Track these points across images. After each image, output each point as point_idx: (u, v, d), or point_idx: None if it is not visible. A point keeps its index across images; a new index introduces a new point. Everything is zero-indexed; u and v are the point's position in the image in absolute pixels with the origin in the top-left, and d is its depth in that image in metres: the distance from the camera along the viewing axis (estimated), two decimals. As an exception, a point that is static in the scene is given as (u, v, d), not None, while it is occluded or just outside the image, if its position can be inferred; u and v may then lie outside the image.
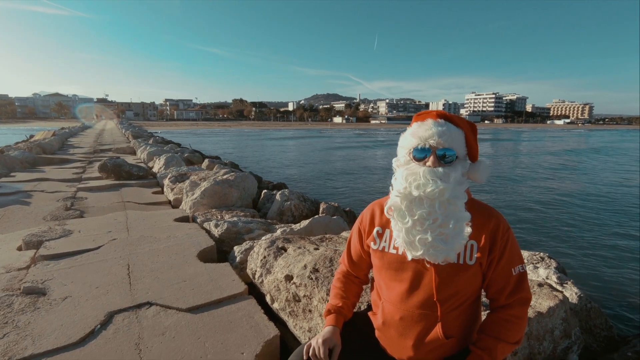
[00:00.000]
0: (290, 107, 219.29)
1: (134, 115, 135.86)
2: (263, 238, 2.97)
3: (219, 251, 3.42)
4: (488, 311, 1.22)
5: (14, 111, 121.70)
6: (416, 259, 1.12)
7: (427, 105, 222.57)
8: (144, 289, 2.44)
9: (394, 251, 1.19)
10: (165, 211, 4.63)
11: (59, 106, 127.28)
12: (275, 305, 2.20)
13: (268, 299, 2.28)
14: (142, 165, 8.54)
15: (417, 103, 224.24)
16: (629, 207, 9.55)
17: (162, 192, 6.06)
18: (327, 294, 1.86)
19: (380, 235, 1.25)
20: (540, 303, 1.69)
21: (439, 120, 1.14)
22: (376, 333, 1.27)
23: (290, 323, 2.09)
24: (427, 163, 1.10)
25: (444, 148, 1.10)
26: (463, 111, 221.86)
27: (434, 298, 1.12)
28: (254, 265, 2.52)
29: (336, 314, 1.31)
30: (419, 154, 1.12)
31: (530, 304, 1.18)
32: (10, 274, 2.68)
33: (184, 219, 4.22)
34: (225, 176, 5.17)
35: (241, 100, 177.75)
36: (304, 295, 1.98)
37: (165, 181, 6.02)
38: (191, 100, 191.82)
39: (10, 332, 1.96)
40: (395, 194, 1.12)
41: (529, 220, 8.20)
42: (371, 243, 1.26)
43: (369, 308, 1.36)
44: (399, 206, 1.10)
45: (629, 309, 4.29)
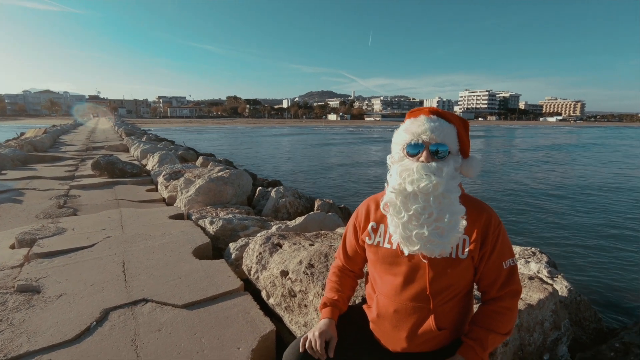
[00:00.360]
0: (285, 105, 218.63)
1: (127, 112, 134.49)
2: (258, 235, 2.97)
3: (215, 248, 3.43)
4: (480, 303, 1.25)
5: (4, 108, 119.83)
6: (410, 253, 1.14)
7: (422, 103, 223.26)
8: (140, 286, 2.44)
9: (388, 245, 1.22)
10: (160, 209, 4.61)
11: (50, 103, 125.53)
12: (271, 301, 2.21)
13: (264, 294, 2.29)
14: (136, 162, 8.47)
15: (412, 100, 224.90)
16: (618, 202, 9.71)
17: (156, 190, 6.03)
18: (323, 289, 1.88)
19: (375, 230, 1.27)
20: (530, 296, 1.73)
21: (432, 117, 1.16)
22: (371, 325, 1.29)
23: (286, 318, 2.11)
24: (421, 158, 1.12)
25: (437, 143, 1.12)
26: (457, 108, 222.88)
27: (427, 291, 1.15)
28: (249, 261, 2.53)
29: (332, 307, 1.33)
30: (412, 150, 1.14)
31: (520, 296, 1.21)
32: (4, 272, 2.67)
33: (179, 217, 4.21)
34: (219, 173, 5.16)
35: (235, 98, 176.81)
36: (300, 291, 2.00)
37: (160, 179, 5.99)
38: (185, 97, 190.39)
39: (5, 330, 1.95)
40: (390, 190, 1.14)
41: (522, 215, 8.30)
42: (366, 238, 1.28)
43: (364, 301, 1.39)
44: (394, 202, 1.12)
45: (618, 301, 4.38)
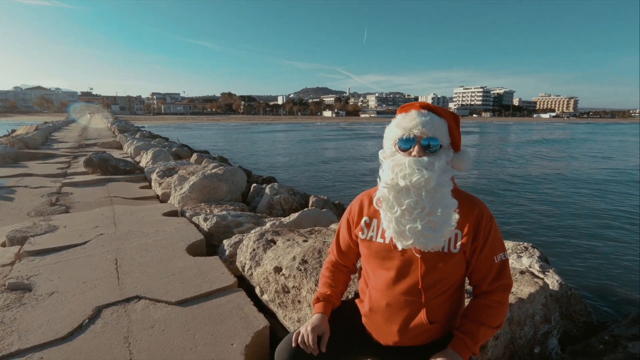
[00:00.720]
0: (280, 101, 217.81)
1: (120, 109, 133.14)
2: (252, 231, 2.97)
3: (209, 245, 3.41)
4: (471, 297, 1.26)
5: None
6: (404, 248, 1.15)
7: (417, 99, 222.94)
8: (133, 283, 2.43)
9: (381, 240, 1.22)
10: (154, 206, 4.58)
11: (41, 100, 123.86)
12: (265, 297, 2.22)
13: (257, 290, 2.29)
14: (129, 159, 8.41)
15: (407, 97, 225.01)
16: (611, 196, 9.83)
17: (150, 187, 5.99)
18: (316, 285, 1.88)
19: (368, 225, 1.27)
20: (521, 290, 1.75)
21: (423, 111, 1.16)
22: (363, 319, 1.30)
23: (279, 314, 2.11)
24: (413, 153, 1.12)
25: (428, 137, 1.12)
26: (452, 105, 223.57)
27: (419, 285, 1.16)
28: (243, 258, 2.52)
29: (324, 301, 1.33)
30: (404, 145, 1.14)
31: (511, 290, 1.22)
32: (-5, 271, 2.64)
33: (173, 214, 4.19)
34: (214, 170, 5.14)
35: (230, 94, 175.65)
36: (293, 287, 2.00)
37: (153, 176, 5.95)
38: (179, 94, 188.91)
39: (-4, 328, 1.93)
40: (382, 186, 1.14)
41: (515, 210, 8.38)
42: (359, 233, 1.29)
43: (357, 296, 1.39)
44: (387, 197, 1.12)
45: (609, 295, 4.44)
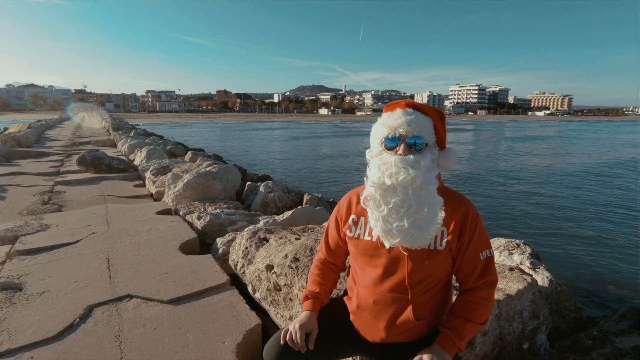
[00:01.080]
0: (276, 99, 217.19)
1: (115, 107, 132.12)
2: (246, 229, 2.97)
3: (202, 243, 3.41)
4: (458, 294, 1.27)
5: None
6: (391, 246, 1.16)
7: (413, 97, 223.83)
8: (125, 282, 2.42)
9: (368, 238, 1.23)
10: (147, 204, 4.57)
11: (34, 97, 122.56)
12: (257, 295, 2.22)
13: (250, 289, 2.30)
14: (123, 158, 8.35)
15: (403, 94, 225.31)
16: (604, 193, 9.93)
17: (144, 185, 5.97)
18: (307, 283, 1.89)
19: (355, 223, 1.28)
20: (510, 286, 1.77)
21: (408, 110, 1.16)
22: (351, 317, 1.31)
23: (271, 312, 2.12)
24: (398, 152, 1.13)
25: (414, 136, 1.13)
26: (447, 102, 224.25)
27: (405, 282, 1.17)
28: (235, 256, 2.53)
29: (313, 299, 1.34)
30: (390, 143, 1.14)
31: (496, 286, 1.23)
32: (-15, 270, 2.62)
33: (166, 212, 4.17)
34: (208, 168, 5.12)
35: (225, 92, 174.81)
36: (285, 284, 2.01)
37: (147, 174, 5.92)
38: (174, 91, 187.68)
39: (-15, 328, 1.92)
40: (369, 184, 1.15)
41: (509, 207, 8.44)
42: (347, 231, 1.30)
43: (345, 294, 1.40)
44: (373, 196, 1.13)
45: (600, 291, 4.50)
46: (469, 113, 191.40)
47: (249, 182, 5.79)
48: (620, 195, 9.90)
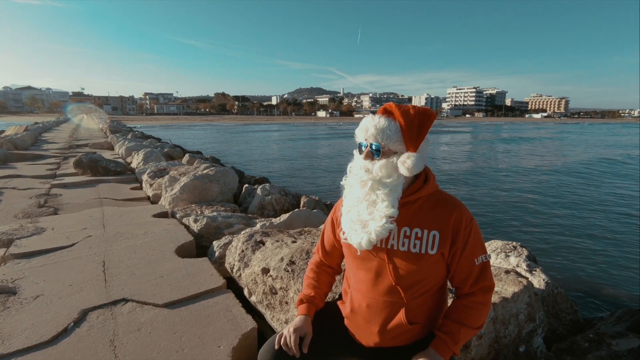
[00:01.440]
0: (274, 101, 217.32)
1: (112, 109, 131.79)
2: (242, 232, 2.96)
3: (199, 246, 3.40)
4: (453, 297, 1.27)
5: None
6: (379, 249, 1.18)
7: (410, 99, 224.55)
8: (120, 286, 2.41)
9: None
10: (144, 207, 4.55)
11: (31, 100, 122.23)
12: (253, 298, 2.21)
13: (246, 292, 2.29)
14: (120, 160, 8.33)
15: (400, 97, 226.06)
16: (601, 196, 9.96)
17: (141, 188, 5.94)
18: (303, 286, 1.88)
19: None
20: (505, 289, 1.76)
21: (377, 115, 1.20)
22: (345, 321, 1.30)
23: (267, 315, 2.11)
24: (362, 155, 1.20)
25: (375, 142, 1.17)
26: (445, 105, 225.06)
27: (393, 284, 1.17)
28: (232, 259, 2.52)
29: (308, 303, 1.34)
30: (360, 147, 1.22)
31: (493, 291, 1.23)
32: (-21, 274, 2.60)
33: (163, 215, 4.16)
34: (205, 171, 5.11)
35: (223, 94, 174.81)
36: (281, 288, 2.00)
37: (144, 177, 5.91)
38: (172, 94, 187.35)
39: (-22, 333, 1.90)
40: (342, 182, 1.26)
41: (507, 209, 8.45)
42: (341, 233, 1.30)
43: (340, 297, 1.40)
44: (346, 194, 1.26)
45: (597, 293, 4.50)
46: (467, 115, 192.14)
47: (247, 185, 5.78)
48: (619, 197, 9.94)
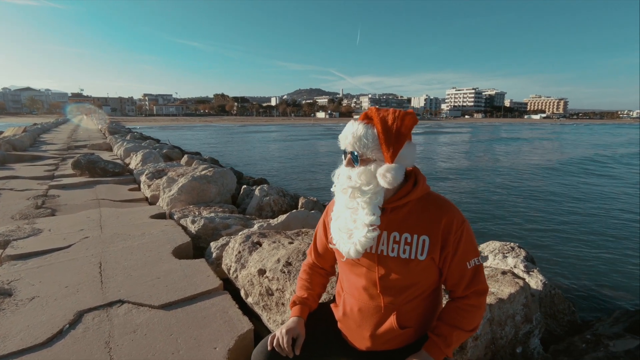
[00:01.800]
0: (273, 102, 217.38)
1: (111, 110, 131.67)
2: (240, 233, 2.96)
3: (196, 247, 3.39)
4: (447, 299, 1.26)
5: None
6: (369, 255, 1.17)
7: (410, 100, 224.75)
8: (116, 287, 2.40)
9: None
10: (141, 208, 4.54)
11: (30, 101, 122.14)
12: (250, 300, 2.20)
13: (242, 293, 2.28)
14: (119, 161, 8.32)
15: (400, 98, 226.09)
16: (601, 198, 9.97)
17: (139, 189, 5.93)
18: (300, 287, 1.88)
19: None
20: (502, 290, 1.76)
21: (358, 122, 1.17)
22: (338, 324, 1.30)
23: (264, 317, 2.10)
24: (344, 162, 1.19)
25: (353, 150, 1.15)
26: (444, 106, 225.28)
27: (384, 290, 1.17)
28: (229, 260, 2.51)
29: (301, 305, 1.33)
30: (343, 154, 1.20)
31: (487, 294, 1.21)
32: (-26, 275, 2.59)
33: (160, 216, 4.15)
34: (203, 172, 5.10)
35: (223, 95, 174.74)
36: (277, 289, 2.00)
37: (142, 178, 5.90)
38: (171, 95, 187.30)
39: (-27, 335, 1.89)
40: (332, 189, 1.24)
41: (505, 210, 8.46)
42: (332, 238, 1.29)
43: (334, 299, 1.39)
44: (335, 200, 1.25)
45: (596, 294, 4.50)
46: (466, 117, 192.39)
47: (245, 186, 5.77)
48: (617, 197, 9.95)
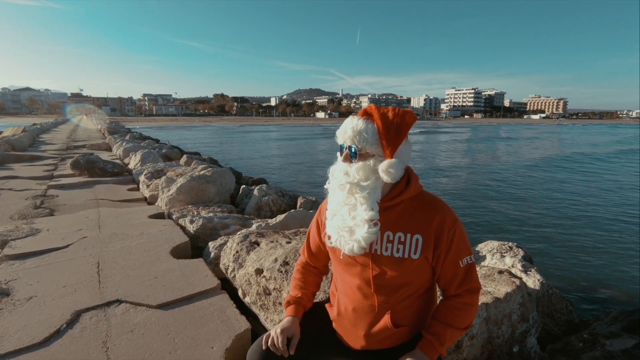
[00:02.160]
0: (273, 102, 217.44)
1: (111, 110, 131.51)
2: (238, 233, 2.96)
3: (195, 247, 3.39)
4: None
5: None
6: (363, 254, 1.17)
7: (409, 100, 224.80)
8: (114, 287, 2.40)
9: None
10: (140, 208, 4.54)
11: (30, 101, 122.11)
12: (247, 299, 2.21)
13: (240, 293, 2.28)
14: (118, 161, 8.31)
15: (399, 98, 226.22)
16: (600, 198, 9.98)
17: (138, 189, 5.93)
18: (297, 287, 1.88)
19: None
20: (498, 289, 1.76)
21: (355, 118, 1.17)
22: (333, 324, 1.30)
23: (261, 316, 2.11)
24: (342, 157, 1.18)
25: (353, 144, 1.14)
26: (444, 106, 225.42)
27: (378, 289, 1.17)
28: (226, 260, 2.51)
29: (295, 304, 1.34)
30: (340, 150, 1.20)
31: (479, 293, 1.22)
32: (-28, 275, 2.59)
33: (159, 216, 4.15)
34: (202, 172, 5.10)
35: (222, 95, 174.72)
36: (274, 288, 2.00)
37: (141, 177, 5.90)
38: (170, 95, 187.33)
39: (-30, 334, 1.90)
40: (326, 186, 1.23)
41: (504, 210, 8.46)
42: (326, 238, 1.28)
43: (328, 299, 1.39)
44: (329, 197, 1.23)
45: (593, 294, 4.51)
46: (465, 116, 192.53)
47: (244, 186, 5.77)
48: (616, 197, 9.96)
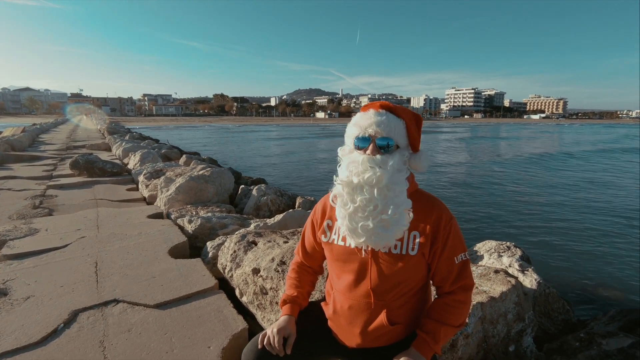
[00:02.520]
0: (273, 102, 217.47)
1: (111, 110, 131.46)
2: (236, 233, 2.96)
3: (193, 247, 3.39)
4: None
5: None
6: (360, 250, 1.16)
7: (409, 100, 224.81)
8: (112, 287, 2.41)
9: (342, 243, 1.23)
10: (139, 208, 4.55)
11: (30, 101, 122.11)
12: (244, 299, 2.21)
13: (237, 292, 2.29)
14: (117, 161, 8.32)
15: (399, 98, 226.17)
16: (599, 198, 9.98)
17: (137, 189, 5.94)
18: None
19: (330, 227, 1.28)
20: (494, 288, 1.77)
21: (380, 111, 1.17)
22: (328, 322, 1.30)
23: (258, 316, 2.11)
24: (367, 151, 1.13)
25: (383, 137, 1.13)
26: (444, 106, 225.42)
27: (370, 287, 1.17)
28: (224, 259, 2.52)
29: (291, 303, 1.34)
30: (360, 143, 1.15)
31: (473, 290, 1.23)
32: (-30, 275, 2.59)
33: (158, 216, 4.16)
34: (201, 172, 5.11)
35: (222, 96, 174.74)
36: (271, 288, 2.00)
37: (140, 177, 5.91)
38: (170, 95, 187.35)
39: (-32, 334, 1.90)
40: (338, 182, 1.17)
41: (502, 209, 8.46)
42: (322, 236, 1.29)
43: (324, 298, 1.40)
44: (341, 193, 1.15)
45: (591, 293, 4.51)
46: (465, 116, 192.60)
47: (243, 186, 5.78)
48: (615, 197, 9.96)
